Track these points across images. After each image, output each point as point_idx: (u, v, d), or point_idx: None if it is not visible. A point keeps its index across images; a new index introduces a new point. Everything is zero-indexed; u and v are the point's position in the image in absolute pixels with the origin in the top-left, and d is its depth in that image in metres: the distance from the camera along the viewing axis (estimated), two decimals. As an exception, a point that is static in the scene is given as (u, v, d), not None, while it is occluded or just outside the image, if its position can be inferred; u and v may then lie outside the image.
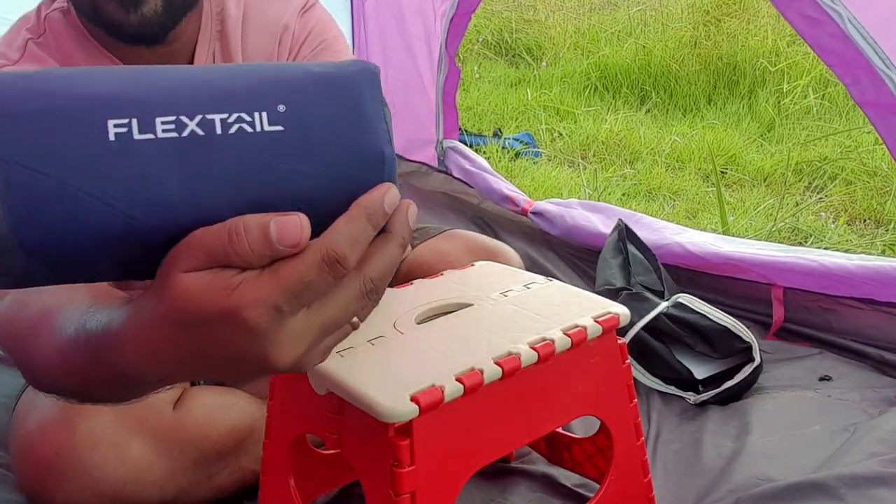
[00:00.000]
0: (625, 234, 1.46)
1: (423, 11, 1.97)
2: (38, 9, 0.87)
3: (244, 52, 0.92)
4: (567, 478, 0.99)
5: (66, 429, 0.78)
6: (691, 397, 1.21)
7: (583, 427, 1.08)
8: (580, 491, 0.98)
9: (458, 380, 0.68)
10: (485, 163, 2.06)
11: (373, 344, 0.76)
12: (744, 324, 1.38)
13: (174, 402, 0.86)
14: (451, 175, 2.11)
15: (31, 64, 0.83)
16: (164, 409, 0.84)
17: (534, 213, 1.81)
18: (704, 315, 1.25)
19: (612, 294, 1.29)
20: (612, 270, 1.39)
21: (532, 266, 1.59)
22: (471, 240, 1.13)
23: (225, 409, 0.89)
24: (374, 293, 0.38)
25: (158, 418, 0.82)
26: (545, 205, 1.81)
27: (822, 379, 1.25)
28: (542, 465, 1.02)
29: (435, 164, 2.16)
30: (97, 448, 0.78)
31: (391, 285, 1.09)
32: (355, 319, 0.39)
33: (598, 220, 1.70)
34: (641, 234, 1.61)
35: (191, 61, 0.89)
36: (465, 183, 2.06)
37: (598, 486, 0.87)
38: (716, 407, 1.18)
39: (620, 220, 1.51)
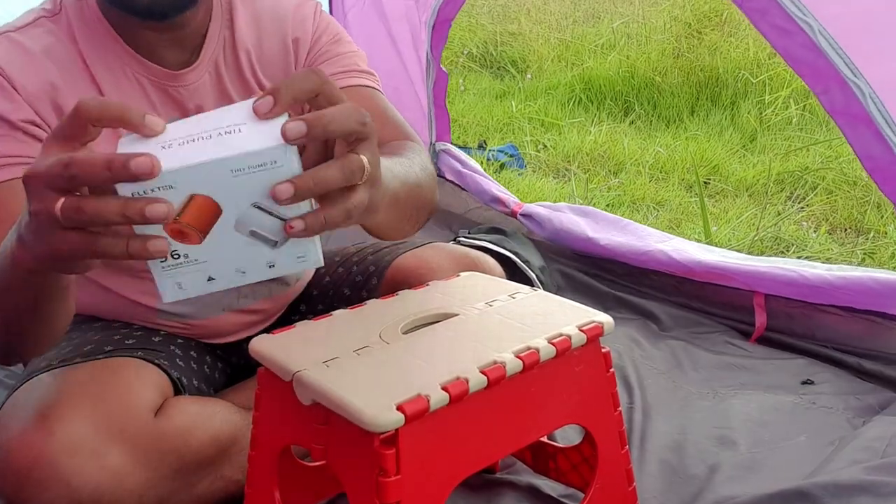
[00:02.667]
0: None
1: (409, 17, 1.99)
2: None
3: (258, 46, 0.99)
4: (552, 488, 1.00)
5: (44, 436, 0.77)
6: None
7: (567, 437, 1.08)
8: (565, 501, 0.98)
9: (444, 389, 0.69)
10: (477, 165, 2.10)
11: (358, 354, 0.76)
12: (727, 330, 1.41)
13: (155, 409, 0.85)
14: (443, 178, 2.13)
15: (35, 29, 0.88)
16: (145, 417, 0.83)
17: (523, 214, 1.84)
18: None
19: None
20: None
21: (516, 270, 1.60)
22: (455, 251, 1.13)
23: (206, 418, 0.88)
24: None
25: (138, 426, 0.82)
26: (535, 207, 1.83)
27: (804, 382, 1.26)
28: (527, 476, 1.02)
29: (428, 167, 2.17)
30: (75, 455, 0.77)
31: (377, 296, 1.09)
32: None
33: (586, 225, 1.72)
34: (627, 240, 1.63)
35: (200, 46, 0.94)
36: (457, 185, 2.08)
37: (583, 495, 0.87)
38: (702, 412, 1.19)
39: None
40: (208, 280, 0.58)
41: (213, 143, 0.53)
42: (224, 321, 1.04)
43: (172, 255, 0.56)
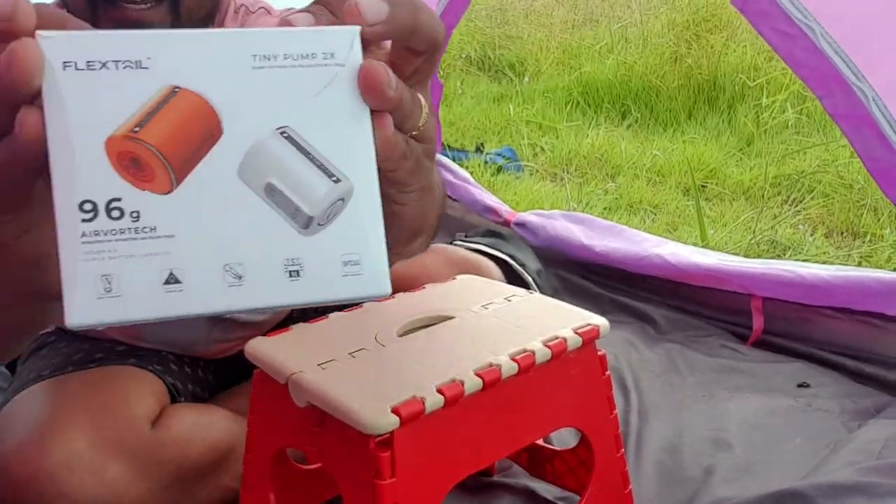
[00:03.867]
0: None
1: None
2: None
3: None
4: (549, 491, 0.99)
5: (42, 451, 0.77)
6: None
7: (563, 439, 1.08)
8: None
9: (440, 391, 0.68)
10: (468, 175, 2.08)
11: (354, 356, 0.76)
12: (723, 334, 1.40)
13: (152, 419, 0.85)
14: (434, 189, 2.12)
15: None
16: (143, 428, 0.83)
17: (517, 223, 1.83)
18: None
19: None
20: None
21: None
22: (452, 254, 1.13)
23: (205, 427, 0.88)
24: None
25: (136, 438, 0.82)
26: (528, 216, 1.83)
27: (800, 385, 1.26)
28: (523, 479, 1.02)
29: (418, 178, 2.17)
30: (74, 470, 0.77)
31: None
32: None
33: (580, 232, 1.72)
34: (622, 245, 1.63)
35: None
36: (447, 196, 2.08)
37: (579, 498, 0.87)
38: (698, 415, 1.19)
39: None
40: (167, 283, 0.31)
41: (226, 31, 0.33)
42: (217, 349, 1.04)
43: (108, 212, 0.31)
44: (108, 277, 0.31)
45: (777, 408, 1.19)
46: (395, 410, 0.66)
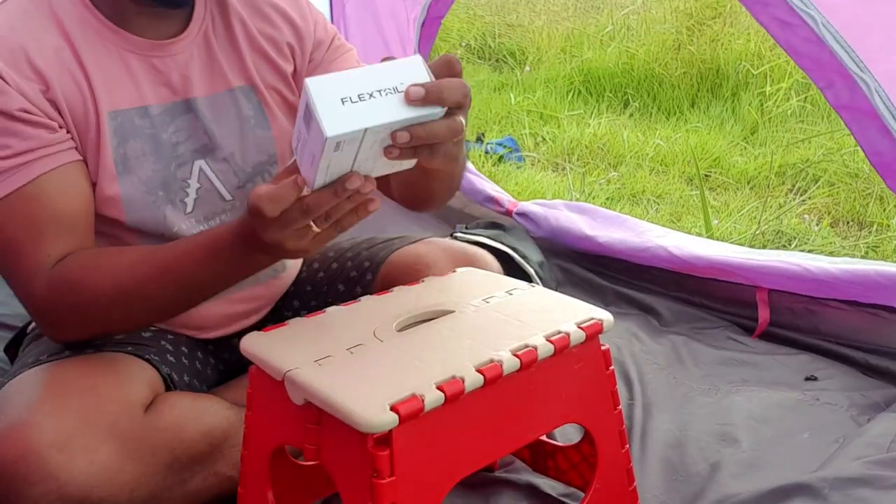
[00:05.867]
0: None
1: (396, 15, 1.96)
2: None
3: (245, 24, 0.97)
4: (552, 487, 0.98)
5: (32, 431, 0.76)
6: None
7: (566, 435, 1.07)
8: (565, 500, 0.96)
9: (439, 388, 0.67)
10: (469, 164, 2.06)
11: (352, 352, 0.74)
12: (729, 326, 1.38)
13: (145, 405, 0.84)
14: (434, 177, 2.10)
15: (12, 4, 0.83)
16: (136, 412, 0.82)
17: (518, 213, 1.81)
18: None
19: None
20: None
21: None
22: (450, 245, 1.11)
23: (198, 413, 0.87)
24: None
25: (129, 421, 0.81)
26: (530, 206, 1.81)
27: (807, 378, 1.25)
28: (526, 474, 1.00)
29: (418, 168, 2.15)
30: (64, 451, 0.76)
31: (372, 292, 1.08)
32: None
33: (582, 222, 1.70)
34: (626, 236, 1.61)
35: (189, 16, 0.93)
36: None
37: (583, 494, 0.86)
38: (703, 409, 1.17)
39: None
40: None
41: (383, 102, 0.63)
42: (213, 311, 1.02)
43: None
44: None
45: (784, 401, 1.18)
46: (393, 408, 0.64)
